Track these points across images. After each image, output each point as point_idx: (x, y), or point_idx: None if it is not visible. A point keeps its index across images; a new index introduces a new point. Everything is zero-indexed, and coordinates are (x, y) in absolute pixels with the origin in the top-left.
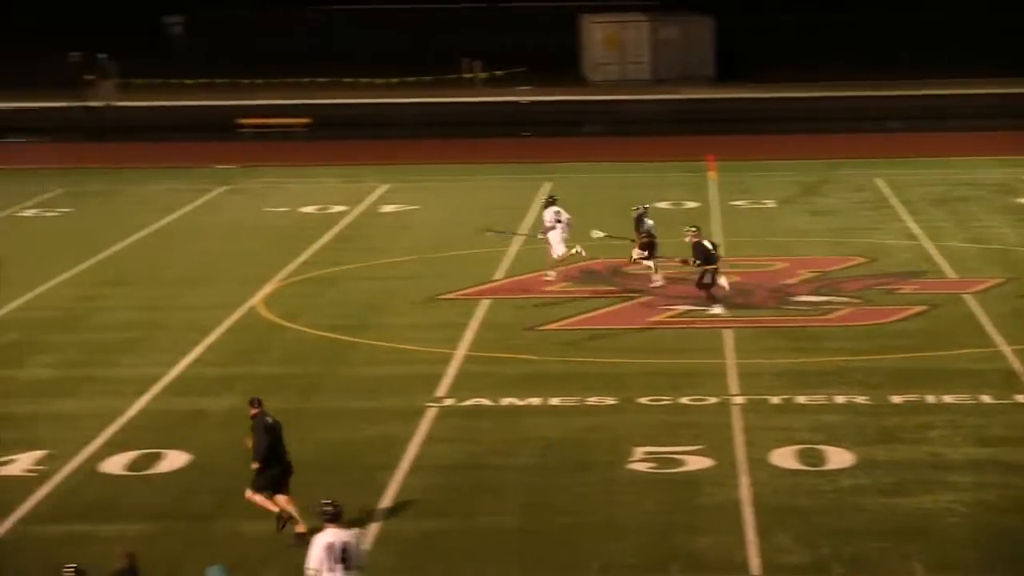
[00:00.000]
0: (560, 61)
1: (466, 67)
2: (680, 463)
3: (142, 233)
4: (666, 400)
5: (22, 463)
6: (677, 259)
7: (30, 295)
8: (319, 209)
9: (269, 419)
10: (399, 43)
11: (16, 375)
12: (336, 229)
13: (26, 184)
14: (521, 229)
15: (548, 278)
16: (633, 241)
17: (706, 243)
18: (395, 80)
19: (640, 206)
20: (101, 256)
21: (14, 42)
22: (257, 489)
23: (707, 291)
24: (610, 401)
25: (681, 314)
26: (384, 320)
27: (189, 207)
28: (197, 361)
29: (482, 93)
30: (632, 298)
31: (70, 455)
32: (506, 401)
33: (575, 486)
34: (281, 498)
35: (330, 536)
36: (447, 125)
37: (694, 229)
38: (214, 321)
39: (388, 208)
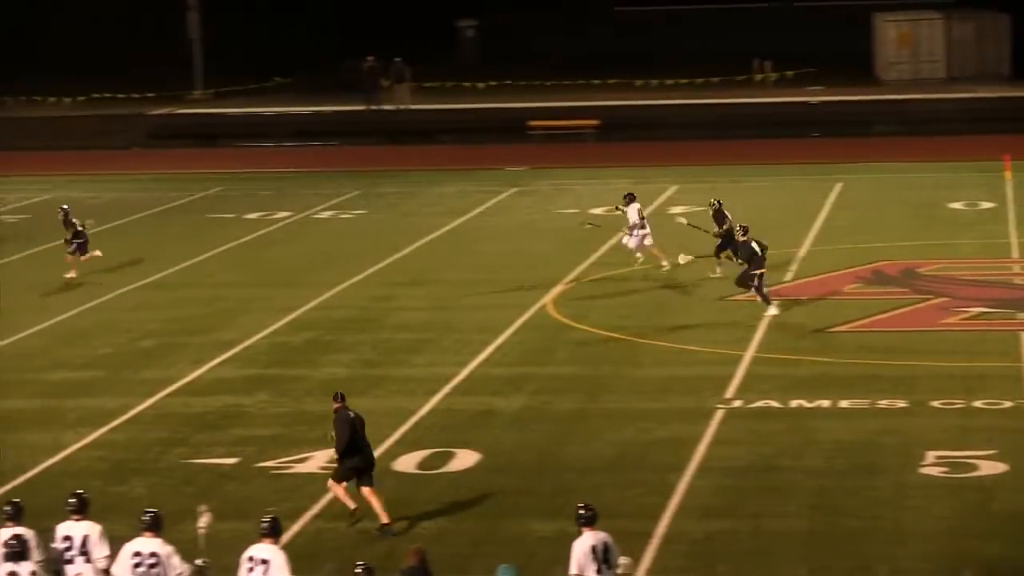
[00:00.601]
0: (852, 60)
1: (757, 68)
2: (973, 468)
3: (434, 235)
4: (959, 403)
5: (317, 460)
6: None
7: (326, 295)
8: (608, 210)
9: (351, 413)
10: (689, 44)
11: (312, 374)
12: (624, 230)
13: (322, 187)
14: (812, 232)
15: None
16: (717, 235)
17: (754, 244)
18: (684, 81)
19: (716, 200)
20: (394, 257)
21: (313, 48)
22: (339, 479)
23: (759, 293)
24: (901, 404)
25: (975, 316)
26: (672, 321)
27: (479, 209)
28: (486, 361)
29: (772, 94)
30: (925, 300)
31: None
32: (795, 403)
33: (864, 489)
34: (366, 490)
35: (590, 539)
36: (736, 126)
37: (741, 229)
38: (504, 322)
39: (678, 209)
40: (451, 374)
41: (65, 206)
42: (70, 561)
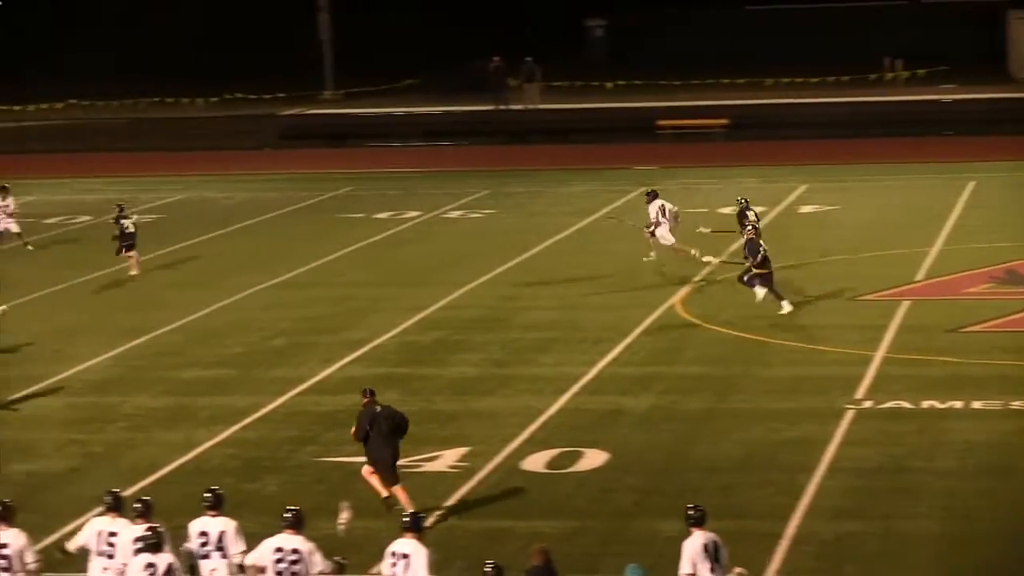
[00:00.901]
0: (985, 58)
1: (887, 66)
2: None
3: (562, 234)
4: None
5: (446, 459)
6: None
7: (455, 294)
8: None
9: (377, 408)
10: (819, 42)
11: (441, 373)
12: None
13: (451, 186)
14: (944, 231)
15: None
16: (739, 232)
17: (761, 244)
18: (814, 80)
19: (743, 198)
20: (522, 257)
21: (442, 48)
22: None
23: (772, 292)
24: None
25: None
26: (801, 320)
27: (607, 208)
28: (615, 361)
29: (903, 92)
30: None
31: (492, 452)
32: (926, 404)
33: (996, 491)
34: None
35: (701, 538)
36: (867, 125)
37: (752, 228)
38: (632, 321)
39: (807, 208)
40: (579, 373)
41: (120, 204)
42: (206, 556)
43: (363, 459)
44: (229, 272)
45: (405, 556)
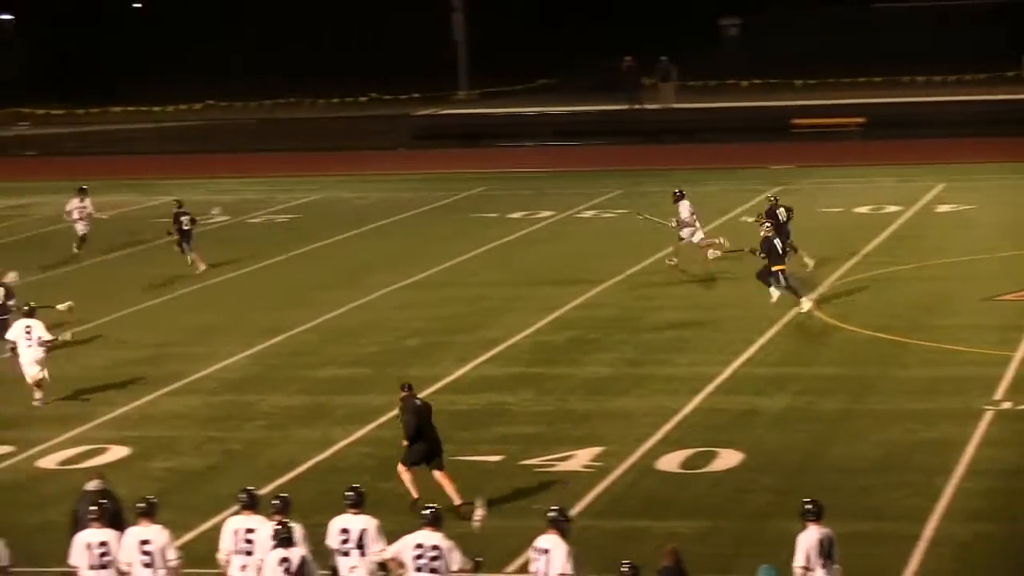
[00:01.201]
0: None
1: None
2: None
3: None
4: None
5: (580, 459)
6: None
7: (589, 294)
8: (873, 209)
9: (417, 401)
10: (954, 39)
11: (575, 373)
12: (890, 229)
13: (584, 186)
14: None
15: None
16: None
17: (776, 242)
18: (952, 78)
19: (773, 196)
20: (656, 256)
21: (576, 48)
22: (408, 464)
23: (789, 289)
24: None
25: None
26: (938, 321)
27: (740, 208)
28: (749, 360)
29: None
30: None
31: (627, 452)
32: None
33: None
34: (437, 473)
35: (816, 533)
36: (1005, 123)
37: (768, 224)
38: (767, 321)
39: (944, 208)
40: (714, 373)
41: (179, 200)
42: (346, 554)
43: (496, 458)
44: (363, 272)
45: (546, 551)
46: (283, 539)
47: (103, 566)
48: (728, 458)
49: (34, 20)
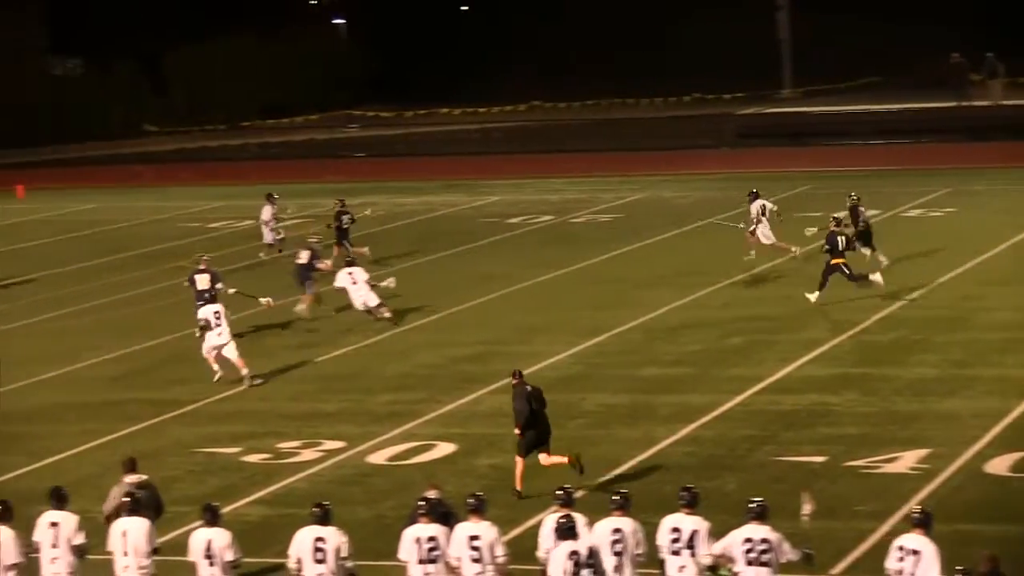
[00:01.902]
0: None
1: None
2: None
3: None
4: None
5: (906, 460)
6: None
7: (916, 294)
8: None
9: (528, 388)
10: None
11: (901, 373)
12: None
13: (910, 185)
14: None
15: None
16: (849, 226)
17: (839, 237)
18: None
19: (853, 195)
20: (984, 256)
21: (902, 45)
22: (523, 453)
23: (852, 279)
24: None
25: None
26: None
27: None
28: None
29: None
30: None
31: (954, 454)
32: None
33: None
34: (543, 457)
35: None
36: None
37: (834, 220)
38: None
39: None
40: None
41: (341, 199)
42: (676, 553)
43: (819, 459)
44: (685, 271)
45: (915, 552)
46: (567, 529)
47: (432, 560)
48: None
49: (365, 23)
